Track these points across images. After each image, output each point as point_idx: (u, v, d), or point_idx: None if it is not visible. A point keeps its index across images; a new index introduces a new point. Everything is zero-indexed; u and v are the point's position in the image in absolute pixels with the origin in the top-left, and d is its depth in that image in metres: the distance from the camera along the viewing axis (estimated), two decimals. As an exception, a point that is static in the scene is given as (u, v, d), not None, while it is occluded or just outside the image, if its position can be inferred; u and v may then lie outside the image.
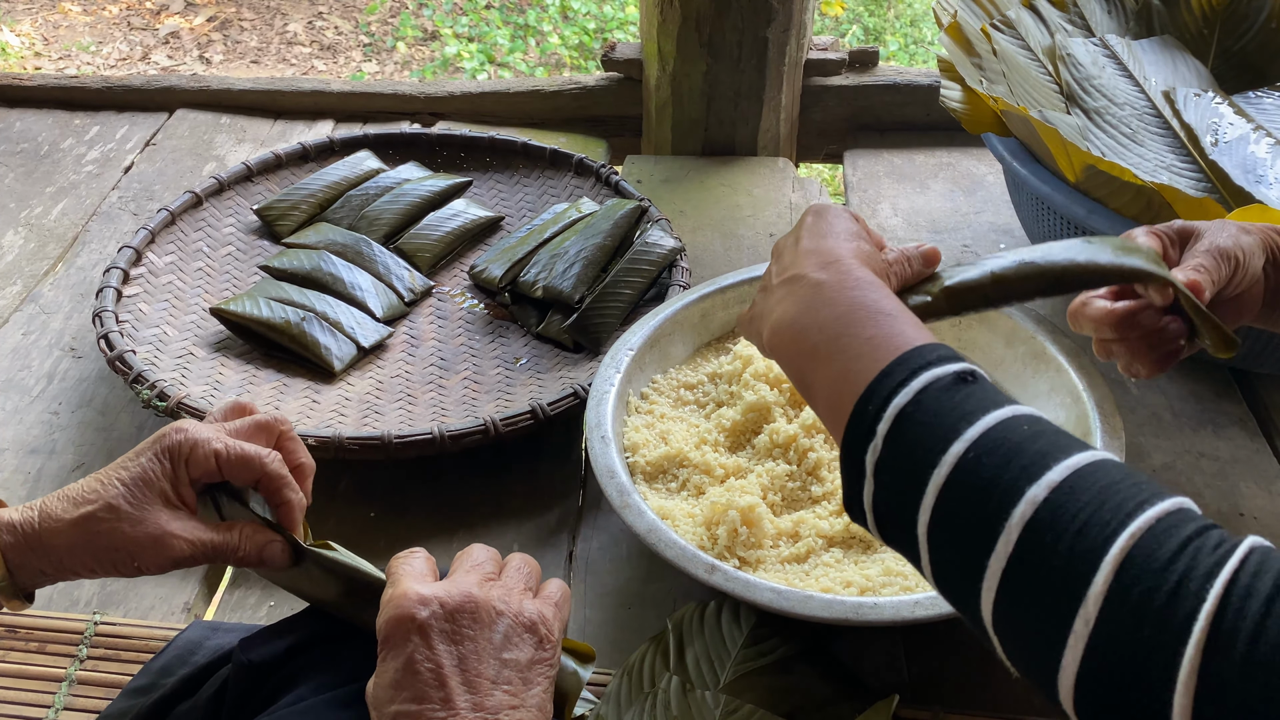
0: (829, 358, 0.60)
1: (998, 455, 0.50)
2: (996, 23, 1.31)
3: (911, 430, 0.54)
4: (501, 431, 1.05)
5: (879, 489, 0.55)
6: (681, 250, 1.29)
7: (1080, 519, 0.47)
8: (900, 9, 3.70)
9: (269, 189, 1.44)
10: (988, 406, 0.53)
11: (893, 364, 0.56)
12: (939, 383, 0.55)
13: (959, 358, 0.56)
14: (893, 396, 0.55)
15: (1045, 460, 0.49)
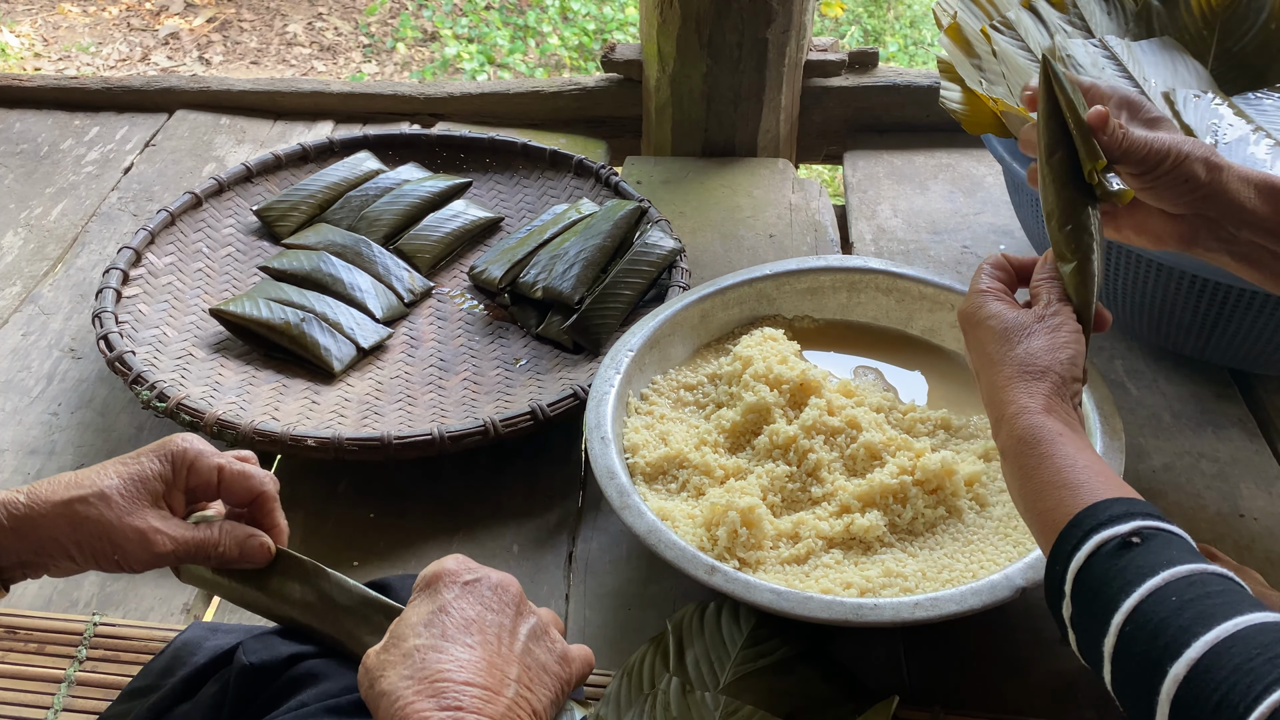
0: (1029, 524, 0.70)
1: (1148, 629, 0.56)
2: (996, 24, 1.31)
3: (1085, 596, 0.61)
4: (501, 433, 1.05)
5: (1078, 639, 0.63)
6: (681, 251, 1.29)
7: (1215, 699, 0.52)
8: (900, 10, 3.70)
9: (269, 190, 1.44)
10: (1144, 575, 0.58)
11: (1066, 529, 0.63)
12: (1107, 546, 0.61)
13: (1133, 515, 0.62)
14: (1070, 560, 0.62)
15: (1187, 636, 0.54)
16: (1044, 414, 0.70)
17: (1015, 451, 0.70)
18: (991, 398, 0.74)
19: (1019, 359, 0.73)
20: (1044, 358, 0.73)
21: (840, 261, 1.18)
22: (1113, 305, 1.21)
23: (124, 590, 0.99)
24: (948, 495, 0.96)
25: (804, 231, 1.49)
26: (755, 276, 1.17)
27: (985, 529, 0.95)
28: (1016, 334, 0.74)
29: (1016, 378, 0.72)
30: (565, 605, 0.98)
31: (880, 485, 0.96)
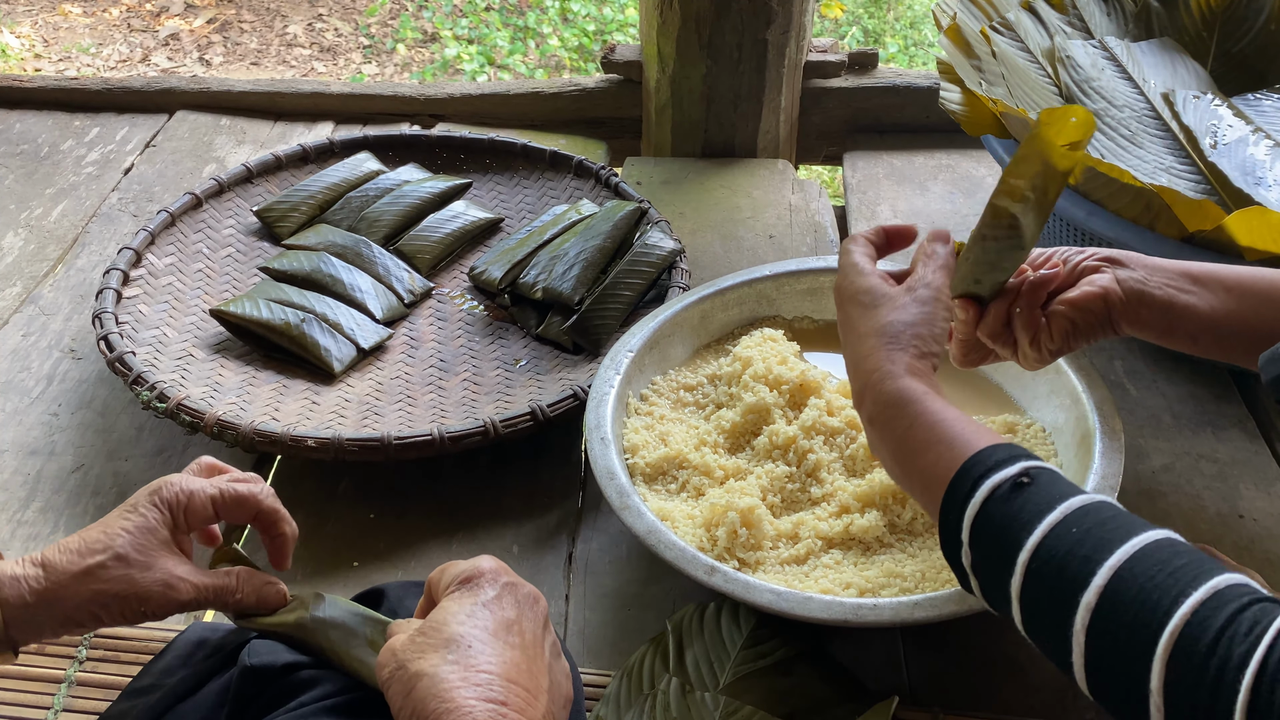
0: (906, 483, 0.72)
1: (1052, 565, 0.58)
2: (996, 25, 1.32)
3: (985, 541, 0.63)
4: (501, 433, 1.05)
5: (982, 585, 0.65)
6: (681, 252, 1.29)
7: (1127, 621, 0.53)
8: (900, 11, 3.70)
9: (269, 190, 1.44)
10: (1042, 512, 0.60)
11: (954, 480, 0.65)
12: (1000, 490, 0.62)
13: (1016, 458, 0.64)
14: (964, 509, 0.64)
15: (1091, 564, 0.56)
16: (908, 376, 0.72)
17: (884, 416, 0.72)
18: (856, 367, 0.76)
19: (882, 329, 0.75)
20: (905, 329, 0.75)
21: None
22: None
23: (124, 590, 0.99)
24: (947, 496, 0.96)
25: (804, 232, 1.49)
26: (755, 277, 1.17)
27: (985, 529, 0.95)
28: (884, 306, 0.77)
29: (880, 346, 0.74)
30: (565, 606, 0.99)
31: (880, 485, 0.96)
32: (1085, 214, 1.09)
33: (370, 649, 0.73)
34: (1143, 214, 1.06)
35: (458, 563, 0.64)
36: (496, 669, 0.56)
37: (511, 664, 0.57)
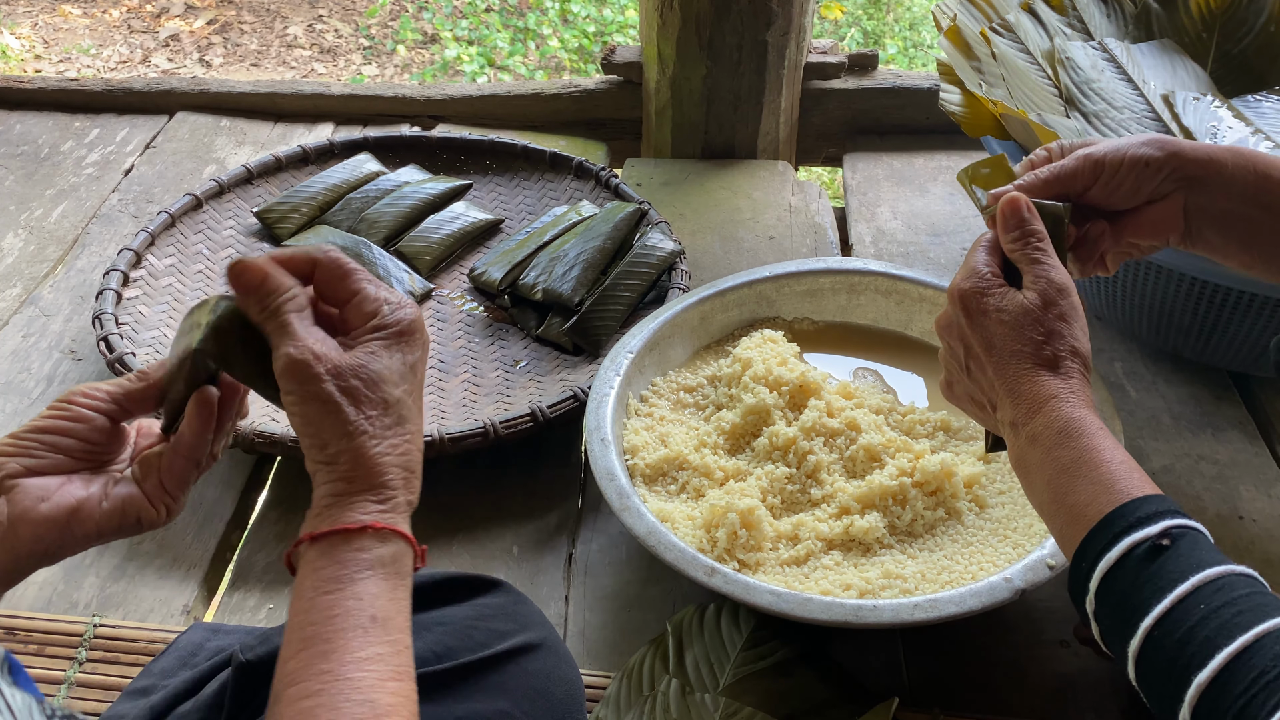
0: (1048, 518, 0.70)
1: (1174, 637, 0.58)
2: (996, 26, 1.32)
3: (1114, 597, 0.63)
4: (501, 434, 1.05)
5: (1101, 630, 0.64)
6: (681, 253, 1.29)
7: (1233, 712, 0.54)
8: (899, 12, 3.70)
9: (269, 191, 1.44)
10: (1174, 582, 0.60)
11: (1097, 528, 0.64)
12: (1138, 549, 0.62)
13: (1162, 514, 0.63)
14: (1099, 560, 0.63)
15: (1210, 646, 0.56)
16: (1083, 406, 0.70)
17: (1051, 442, 0.69)
18: (1013, 385, 0.72)
19: (1041, 350, 0.72)
20: (1064, 345, 0.72)
21: (840, 264, 1.18)
22: (1113, 307, 1.21)
23: (124, 591, 1.00)
24: (947, 497, 0.97)
25: (803, 233, 1.49)
26: (755, 279, 1.17)
27: (984, 530, 0.95)
28: (1029, 325, 0.72)
29: (1043, 367, 0.71)
30: (565, 607, 0.99)
31: (880, 487, 0.96)
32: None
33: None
34: (1142, 215, 1.06)
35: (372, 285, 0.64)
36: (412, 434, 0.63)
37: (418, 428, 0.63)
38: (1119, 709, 0.88)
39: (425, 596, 0.81)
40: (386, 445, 0.61)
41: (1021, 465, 0.72)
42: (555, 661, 0.77)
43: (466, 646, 0.75)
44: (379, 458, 0.61)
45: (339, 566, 0.58)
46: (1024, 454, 0.72)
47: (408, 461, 0.62)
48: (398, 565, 0.60)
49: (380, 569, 0.59)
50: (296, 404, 0.61)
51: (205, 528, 1.07)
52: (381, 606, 0.58)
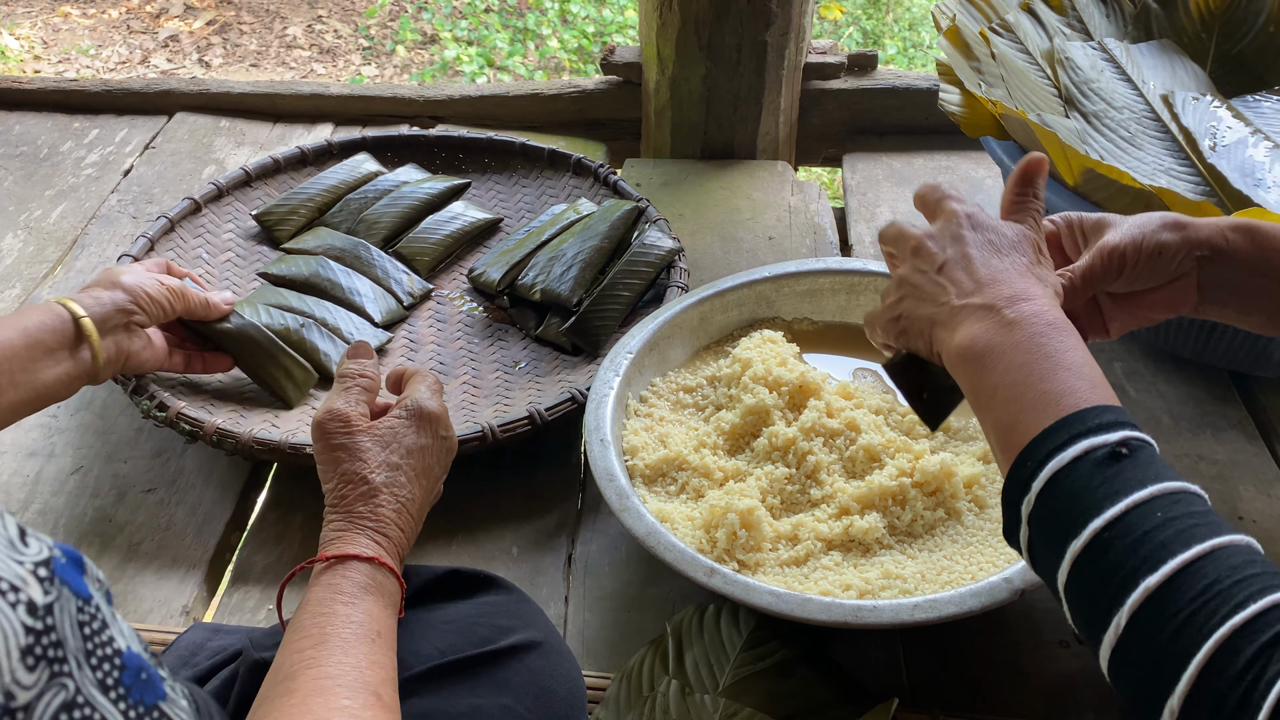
0: (1005, 402, 0.66)
1: (1127, 540, 0.56)
2: (995, 26, 1.32)
3: (1061, 497, 0.60)
4: (499, 438, 1.05)
5: (1031, 536, 0.62)
6: (680, 250, 1.29)
7: (1180, 616, 0.52)
8: (899, 12, 3.70)
9: (268, 194, 1.44)
10: (1133, 486, 0.58)
11: (1057, 424, 0.62)
12: (1095, 453, 0.60)
13: (1122, 425, 0.61)
14: (1050, 459, 0.61)
15: (1165, 552, 0.55)
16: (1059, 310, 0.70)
17: (1038, 329, 0.67)
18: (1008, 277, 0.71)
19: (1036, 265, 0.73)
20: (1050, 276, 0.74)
21: (839, 264, 1.18)
22: (1112, 307, 1.21)
23: (123, 592, 1.00)
24: (947, 497, 0.97)
25: (803, 234, 1.49)
26: (754, 279, 1.17)
27: (984, 531, 0.95)
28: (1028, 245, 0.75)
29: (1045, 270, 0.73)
30: (564, 608, 0.98)
31: (879, 487, 0.96)
32: (1084, 215, 1.09)
33: (284, 374, 1.14)
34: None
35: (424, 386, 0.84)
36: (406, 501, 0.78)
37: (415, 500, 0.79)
38: (1119, 709, 0.88)
39: (428, 592, 0.81)
40: (387, 498, 0.76)
41: (988, 347, 0.68)
42: (558, 660, 0.78)
43: (470, 642, 0.75)
44: (379, 508, 0.76)
45: (353, 584, 0.70)
46: (995, 336, 0.68)
47: (400, 519, 0.76)
48: (393, 598, 0.72)
49: (383, 596, 0.71)
50: (318, 453, 0.79)
51: (204, 529, 1.07)
52: (385, 626, 0.69)
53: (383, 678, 0.65)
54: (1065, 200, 1.11)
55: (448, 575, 0.83)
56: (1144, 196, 1.05)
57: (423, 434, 0.80)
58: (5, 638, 0.37)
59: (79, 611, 0.41)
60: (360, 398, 0.82)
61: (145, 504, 1.09)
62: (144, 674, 0.44)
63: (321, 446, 0.79)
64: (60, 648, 0.39)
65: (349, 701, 0.61)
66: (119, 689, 0.42)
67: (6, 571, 0.38)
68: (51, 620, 0.39)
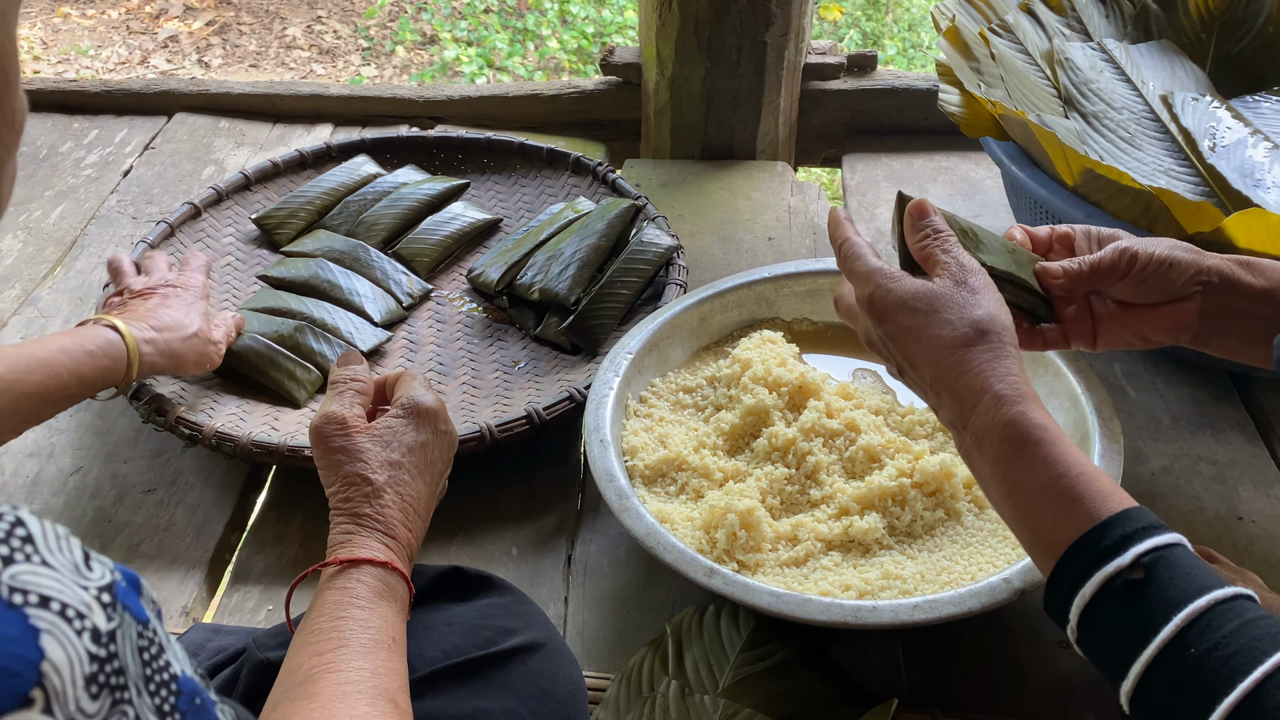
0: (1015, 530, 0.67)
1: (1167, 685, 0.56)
2: (994, 27, 1.32)
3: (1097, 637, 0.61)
4: (497, 438, 1.05)
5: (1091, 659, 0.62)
6: (678, 247, 1.29)
7: None
8: (898, 13, 3.70)
9: (267, 197, 1.44)
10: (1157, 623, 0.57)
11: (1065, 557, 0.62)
12: (1113, 584, 0.59)
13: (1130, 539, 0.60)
14: (1073, 595, 0.61)
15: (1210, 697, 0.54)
16: (1023, 401, 0.67)
17: (998, 452, 0.66)
18: (946, 379, 0.70)
19: (969, 335, 0.69)
20: (994, 329, 0.70)
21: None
22: (1111, 308, 1.21)
23: (123, 593, 0.99)
24: (946, 497, 0.97)
25: (803, 234, 1.49)
26: (754, 279, 1.17)
27: (984, 531, 0.95)
28: (946, 307, 0.71)
29: (978, 357, 0.69)
30: (564, 608, 0.98)
31: (879, 488, 0.96)
32: (1084, 215, 1.09)
33: (287, 376, 1.16)
34: (1141, 216, 1.06)
35: (416, 383, 0.83)
36: (416, 503, 0.77)
37: (424, 498, 0.79)
38: (1118, 710, 0.88)
39: (429, 592, 0.81)
40: (391, 498, 0.75)
41: (971, 465, 0.70)
42: (560, 661, 0.78)
43: (473, 644, 0.75)
44: (384, 508, 0.75)
45: (367, 589, 0.70)
46: (971, 455, 0.69)
47: (407, 518, 0.76)
48: (403, 603, 0.72)
49: (395, 602, 0.71)
50: (318, 458, 0.78)
51: (204, 529, 1.07)
52: (399, 632, 0.69)
53: (399, 685, 0.65)
54: (1065, 201, 1.11)
55: (449, 573, 0.83)
56: (1143, 197, 1.05)
57: (422, 430, 0.80)
58: (71, 665, 0.36)
59: (139, 637, 0.40)
60: (355, 400, 0.81)
61: (145, 504, 1.09)
62: (198, 699, 0.43)
63: (321, 451, 0.78)
64: (122, 675, 0.38)
65: (369, 708, 0.61)
66: (175, 715, 0.41)
67: (73, 598, 0.37)
68: (114, 647, 0.38)
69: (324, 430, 0.78)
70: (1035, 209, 1.19)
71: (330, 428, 0.78)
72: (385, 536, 0.74)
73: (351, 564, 0.71)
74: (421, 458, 0.79)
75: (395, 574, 0.72)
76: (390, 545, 0.73)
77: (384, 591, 0.70)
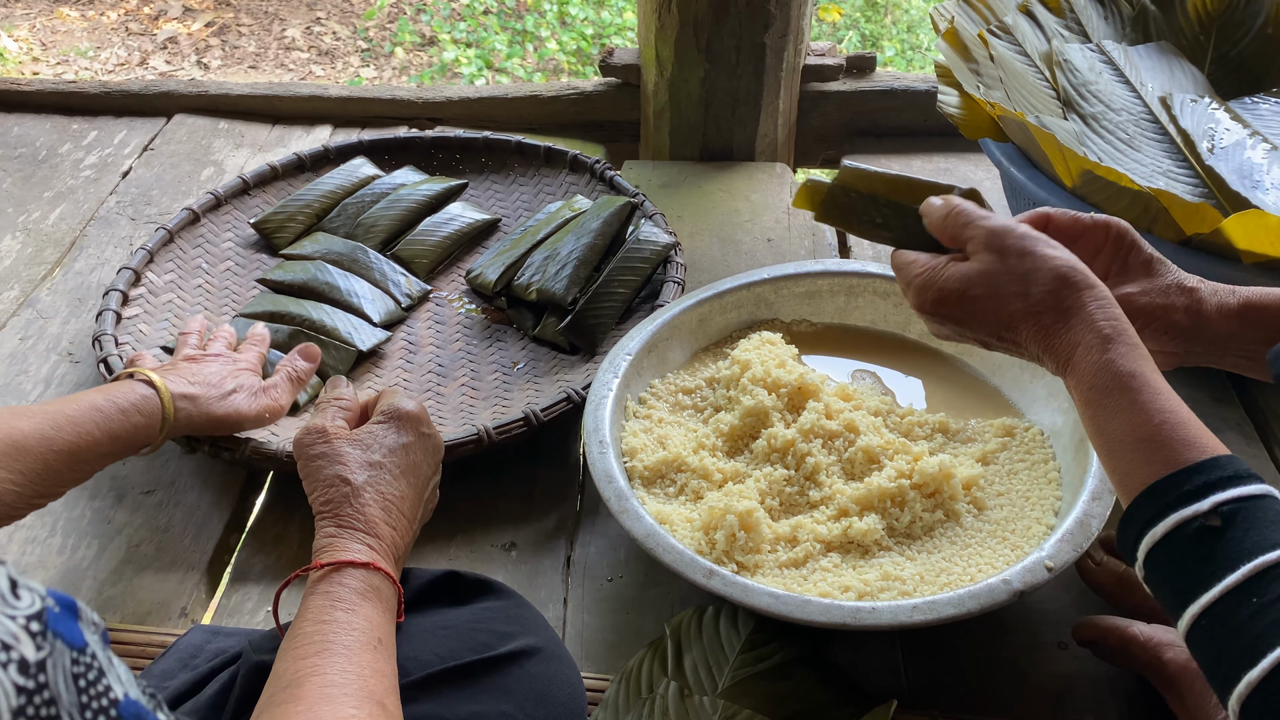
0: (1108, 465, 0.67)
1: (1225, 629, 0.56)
2: (993, 28, 1.32)
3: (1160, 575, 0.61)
4: (495, 440, 1.05)
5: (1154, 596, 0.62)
6: (676, 245, 1.29)
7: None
8: (897, 15, 3.70)
9: (266, 201, 1.44)
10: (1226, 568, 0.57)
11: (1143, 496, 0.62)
12: (1187, 528, 0.59)
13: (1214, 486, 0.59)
14: (1144, 534, 0.61)
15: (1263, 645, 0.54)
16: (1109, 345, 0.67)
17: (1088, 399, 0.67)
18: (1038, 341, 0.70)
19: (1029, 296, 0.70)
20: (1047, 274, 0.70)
21: (838, 265, 1.18)
22: (1110, 309, 1.21)
23: (122, 594, 0.99)
24: (946, 499, 0.97)
25: (802, 235, 1.49)
26: (753, 280, 1.17)
27: (983, 532, 0.95)
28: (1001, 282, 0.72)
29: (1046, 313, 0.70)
30: (563, 609, 0.98)
31: (878, 489, 0.96)
32: (1083, 217, 1.09)
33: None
34: (1141, 217, 1.06)
35: (398, 395, 0.85)
36: (399, 503, 0.79)
37: (408, 499, 0.80)
38: (1118, 711, 0.88)
39: (428, 595, 0.81)
40: (372, 497, 0.77)
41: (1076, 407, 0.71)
42: (558, 665, 0.78)
43: (470, 648, 0.75)
44: (365, 507, 0.76)
45: (350, 591, 0.70)
46: (1073, 399, 0.70)
47: (390, 517, 0.77)
48: (390, 604, 0.72)
49: (381, 602, 0.71)
50: (301, 469, 0.80)
51: (203, 530, 1.07)
52: (385, 632, 0.69)
53: (386, 686, 0.65)
54: (1063, 202, 1.11)
55: (447, 578, 0.83)
56: (1142, 198, 1.05)
57: (403, 433, 0.82)
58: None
59: (73, 664, 0.39)
60: (337, 415, 0.84)
61: (144, 506, 1.09)
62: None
63: (303, 461, 0.80)
64: (53, 705, 0.38)
65: (355, 711, 0.61)
66: None
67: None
68: (44, 678, 0.37)
69: (304, 440, 0.81)
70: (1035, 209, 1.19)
71: (310, 437, 0.81)
72: (367, 536, 0.74)
73: (334, 567, 0.71)
74: (404, 459, 0.81)
75: (379, 574, 0.72)
76: (373, 545, 0.74)
77: (368, 592, 0.71)
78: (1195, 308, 0.78)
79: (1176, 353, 0.80)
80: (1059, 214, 0.84)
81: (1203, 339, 0.78)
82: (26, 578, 0.40)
